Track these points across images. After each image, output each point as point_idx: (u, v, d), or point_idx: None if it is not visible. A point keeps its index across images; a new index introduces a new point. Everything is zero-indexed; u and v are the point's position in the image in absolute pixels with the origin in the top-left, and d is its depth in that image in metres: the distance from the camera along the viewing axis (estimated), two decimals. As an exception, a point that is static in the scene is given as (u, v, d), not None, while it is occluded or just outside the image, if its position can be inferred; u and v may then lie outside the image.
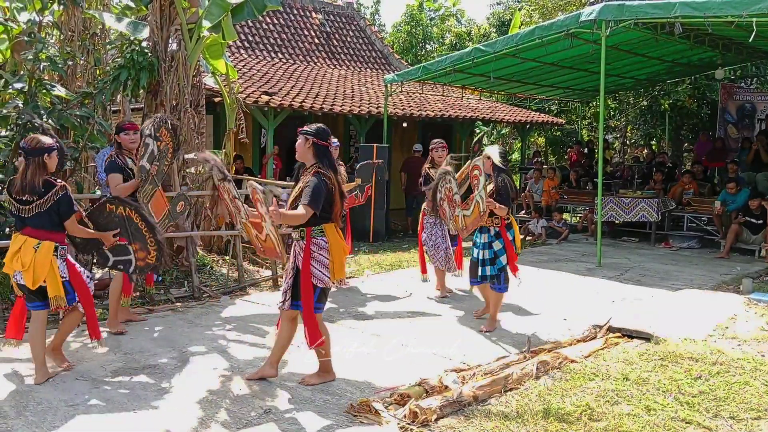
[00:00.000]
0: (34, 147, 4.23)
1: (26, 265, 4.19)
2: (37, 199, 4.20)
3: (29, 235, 4.24)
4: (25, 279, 4.23)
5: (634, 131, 20.57)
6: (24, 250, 4.22)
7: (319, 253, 4.18)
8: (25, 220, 4.26)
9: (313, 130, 4.28)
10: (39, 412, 3.86)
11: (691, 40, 10.32)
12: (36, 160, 4.21)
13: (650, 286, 7.62)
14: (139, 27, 7.78)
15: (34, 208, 4.21)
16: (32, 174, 4.20)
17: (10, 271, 4.32)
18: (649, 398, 4.10)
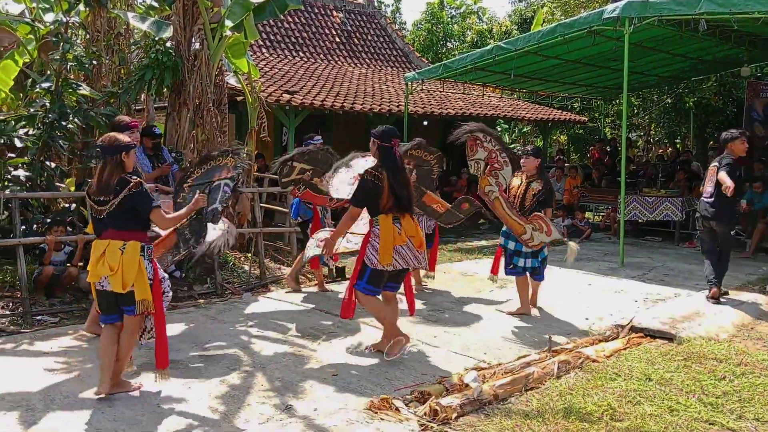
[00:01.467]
0: (112, 145, 4.04)
1: (114, 269, 3.94)
2: (113, 198, 4.00)
3: (112, 238, 4.01)
4: (113, 284, 3.96)
5: (657, 129, 20.34)
6: (109, 254, 3.97)
7: (374, 239, 4.73)
8: (104, 221, 4.04)
9: (379, 132, 4.81)
10: (66, 405, 3.94)
11: (716, 37, 10.18)
12: (114, 159, 4.03)
13: (674, 286, 7.53)
14: (162, 26, 7.88)
15: (110, 208, 4.00)
16: (109, 173, 4.01)
17: (96, 278, 4.03)
18: (671, 399, 4.07)
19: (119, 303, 4.08)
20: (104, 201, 4.02)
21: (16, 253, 6.09)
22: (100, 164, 4.10)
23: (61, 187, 7.44)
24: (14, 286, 6.51)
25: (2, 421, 3.71)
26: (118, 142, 4.07)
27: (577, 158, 21.04)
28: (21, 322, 5.75)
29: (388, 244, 4.67)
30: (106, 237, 4.04)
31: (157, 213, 4.11)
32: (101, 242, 4.04)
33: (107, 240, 4.02)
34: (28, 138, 7.20)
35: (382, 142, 4.75)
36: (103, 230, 4.07)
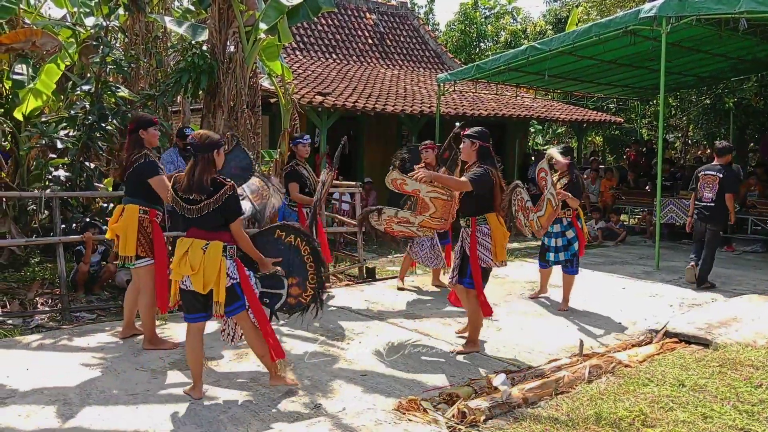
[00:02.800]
0: (204, 143, 3.95)
1: (196, 268, 3.89)
2: (206, 198, 3.90)
3: (195, 237, 3.96)
4: (194, 283, 3.91)
5: (696, 130, 19.90)
6: (192, 253, 3.92)
7: (483, 238, 4.88)
8: (191, 220, 3.98)
9: (477, 134, 4.99)
10: (101, 401, 4.04)
11: (757, 36, 9.93)
12: (205, 157, 3.93)
13: (710, 291, 7.37)
14: (198, 30, 8.02)
15: (203, 208, 3.91)
16: (201, 171, 3.91)
17: (179, 277, 3.99)
18: (705, 405, 3.99)
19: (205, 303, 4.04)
20: (195, 200, 3.92)
21: (56, 251, 6.26)
22: (190, 162, 4.00)
23: (100, 187, 7.63)
24: (54, 284, 6.70)
25: (41, 414, 3.82)
26: (210, 140, 3.98)
27: (612, 160, 20.72)
28: (60, 319, 5.91)
29: (502, 242, 4.93)
30: (190, 235, 3.99)
31: (238, 222, 4.04)
32: (185, 240, 3.99)
33: (191, 239, 3.97)
34: (68, 139, 7.40)
35: (484, 143, 4.97)
36: (186, 228, 4.06)
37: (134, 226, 4.79)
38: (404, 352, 5.09)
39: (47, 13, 9.59)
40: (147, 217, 4.87)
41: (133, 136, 4.89)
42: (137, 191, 4.86)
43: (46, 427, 3.66)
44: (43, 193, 6.59)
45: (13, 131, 7.85)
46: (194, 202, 3.92)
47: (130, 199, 4.89)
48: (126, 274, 6.81)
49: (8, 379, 4.35)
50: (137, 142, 4.88)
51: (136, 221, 4.80)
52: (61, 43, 8.07)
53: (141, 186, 4.83)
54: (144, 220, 4.85)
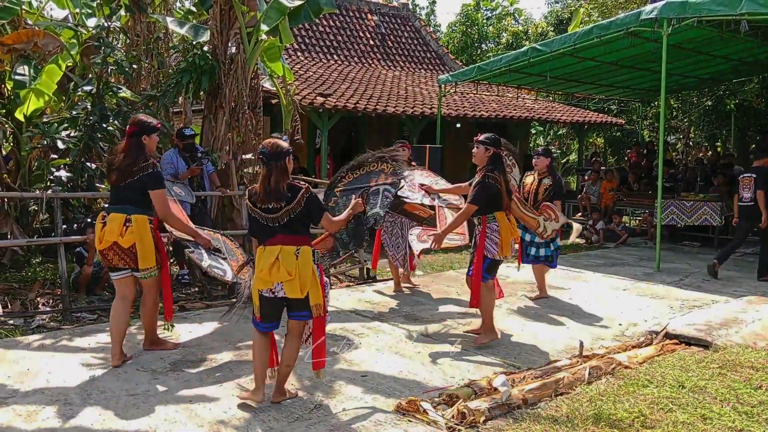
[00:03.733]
0: (276, 151, 3.93)
1: (292, 274, 3.85)
2: (286, 204, 3.90)
3: (283, 243, 3.89)
4: (289, 290, 3.88)
5: (697, 132, 19.90)
6: (284, 259, 3.86)
7: (492, 234, 5.29)
8: (272, 228, 3.92)
9: (490, 140, 5.33)
10: (102, 400, 4.05)
11: (758, 38, 9.94)
12: (279, 165, 3.91)
13: (711, 293, 7.38)
14: (200, 31, 8.03)
15: (285, 215, 3.90)
16: (276, 180, 3.89)
17: (268, 285, 3.91)
18: (705, 407, 3.99)
19: (290, 309, 4.02)
20: (275, 208, 3.91)
21: (58, 252, 6.27)
22: (263, 171, 3.96)
23: (101, 188, 7.64)
24: (55, 284, 6.71)
25: (42, 414, 3.83)
26: (281, 148, 3.95)
27: (613, 161, 20.72)
28: (61, 319, 5.92)
29: (508, 238, 5.31)
30: (275, 243, 3.91)
31: (327, 217, 4.10)
32: (272, 249, 3.90)
33: (278, 246, 3.89)
34: (69, 140, 7.42)
35: (497, 149, 5.34)
36: (270, 236, 3.94)
37: (150, 238, 4.64)
38: (404, 352, 5.10)
39: (49, 14, 9.60)
40: (153, 227, 4.73)
41: (134, 140, 4.64)
42: (140, 200, 4.63)
43: (47, 427, 3.67)
44: (45, 194, 6.60)
45: (15, 132, 7.86)
46: (275, 210, 3.91)
47: (133, 208, 4.60)
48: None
49: (9, 379, 4.36)
50: (139, 148, 4.64)
51: (149, 233, 4.64)
52: (62, 43, 8.08)
53: (145, 196, 4.63)
54: (152, 230, 4.73)
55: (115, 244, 4.55)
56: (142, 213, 4.62)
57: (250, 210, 4.01)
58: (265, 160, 3.93)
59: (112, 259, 4.62)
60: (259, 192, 3.94)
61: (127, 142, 4.67)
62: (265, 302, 3.98)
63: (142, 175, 4.59)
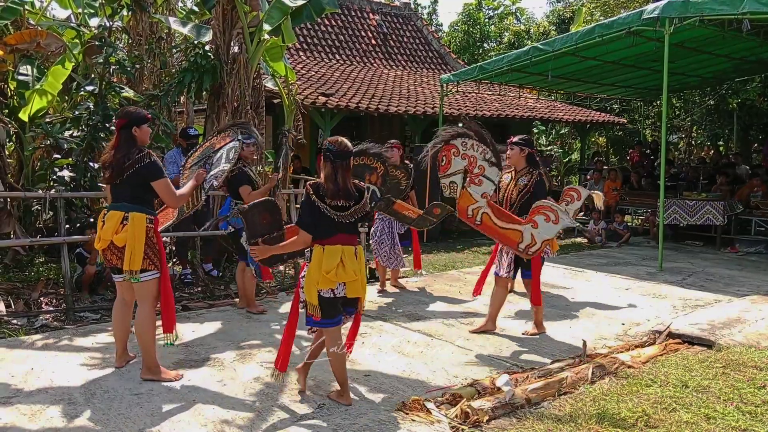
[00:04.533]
0: (344, 150, 3.95)
1: (357, 274, 3.93)
2: (354, 204, 3.94)
3: (344, 243, 3.93)
4: (351, 290, 3.94)
5: (699, 131, 19.88)
6: (348, 260, 3.89)
7: None
8: (339, 226, 3.92)
9: (525, 141, 5.54)
10: (105, 400, 4.05)
11: (760, 37, 9.92)
12: (344, 164, 3.95)
13: (714, 292, 7.37)
14: (202, 30, 8.04)
15: (353, 214, 3.94)
16: (343, 178, 3.93)
17: (332, 285, 3.90)
18: (709, 406, 3.99)
19: (346, 306, 4.08)
20: (344, 206, 3.92)
21: (61, 251, 6.28)
22: (327, 168, 3.95)
23: (104, 188, 7.64)
24: (58, 284, 6.72)
25: (45, 414, 3.84)
26: (348, 148, 4.00)
27: (616, 161, 20.70)
28: (64, 318, 5.93)
29: None
30: (335, 242, 3.90)
31: None
32: (333, 249, 3.88)
33: (339, 246, 3.89)
34: (72, 140, 7.43)
35: (531, 149, 5.56)
36: (330, 235, 3.91)
37: (142, 238, 4.29)
38: (407, 352, 5.10)
39: (52, 14, 9.61)
40: (152, 227, 4.39)
41: (124, 132, 4.35)
42: (140, 196, 4.34)
43: (51, 427, 3.68)
44: (48, 194, 6.61)
45: (18, 132, 7.87)
46: (344, 208, 3.92)
47: (131, 206, 4.32)
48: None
49: (13, 378, 4.37)
50: (131, 140, 4.34)
51: (143, 232, 4.30)
52: (65, 43, 8.10)
53: (144, 190, 4.33)
54: (150, 231, 4.36)
55: (112, 244, 4.33)
56: (139, 210, 4.32)
57: (316, 204, 3.91)
58: (331, 157, 3.92)
59: (111, 259, 4.40)
60: (327, 188, 3.92)
61: (117, 137, 4.40)
62: (325, 302, 3.93)
63: (139, 167, 4.27)
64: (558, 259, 9.67)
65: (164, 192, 4.35)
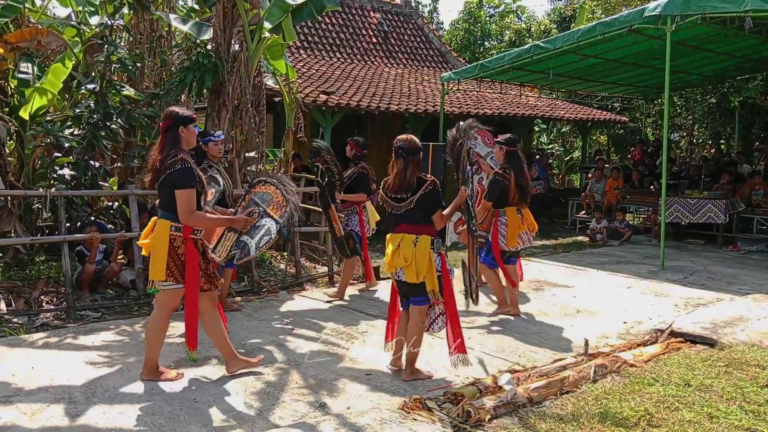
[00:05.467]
0: (414, 147, 4.31)
1: (409, 260, 4.23)
2: (410, 195, 4.29)
3: (406, 232, 4.31)
4: (407, 275, 4.28)
5: (701, 130, 19.85)
6: (404, 246, 4.26)
7: (502, 227, 5.99)
8: (399, 216, 4.35)
9: (505, 141, 6.00)
10: (106, 399, 4.04)
11: (762, 35, 9.89)
12: (415, 159, 4.30)
13: (716, 290, 7.36)
14: (203, 29, 8.02)
15: (408, 205, 4.30)
16: (411, 173, 4.28)
17: (392, 269, 4.35)
18: (711, 405, 3.97)
19: (411, 294, 4.38)
20: (402, 198, 4.31)
21: (61, 250, 6.27)
22: (399, 164, 4.31)
23: (105, 186, 7.63)
24: (59, 282, 6.71)
25: (46, 412, 3.83)
26: (417, 145, 4.34)
27: (617, 159, 20.67)
28: (65, 317, 5.92)
29: (514, 231, 5.94)
30: (400, 231, 4.35)
31: (439, 212, 4.36)
32: (396, 236, 4.35)
33: (401, 234, 4.32)
34: (73, 138, 7.41)
35: (510, 147, 5.97)
36: (396, 224, 4.39)
37: (164, 246, 4.08)
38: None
39: (52, 12, 9.58)
40: (180, 236, 4.11)
41: (170, 133, 4.11)
42: (170, 203, 4.08)
43: (51, 426, 3.67)
44: (48, 192, 6.60)
45: (19, 130, 7.86)
46: (401, 200, 4.32)
47: (162, 212, 4.15)
48: (131, 273, 6.82)
49: (13, 377, 4.36)
50: (175, 142, 4.10)
51: (166, 240, 4.09)
52: (66, 42, 8.07)
53: (173, 197, 4.06)
54: (176, 239, 4.11)
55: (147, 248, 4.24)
56: (166, 218, 4.11)
57: (382, 199, 4.45)
58: (403, 154, 4.29)
59: None
60: (392, 183, 4.35)
61: (163, 138, 4.15)
62: (397, 284, 4.48)
63: (170, 173, 4.02)
64: (559, 257, 9.66)
65: (181, 202, 4.03)
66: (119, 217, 7.58)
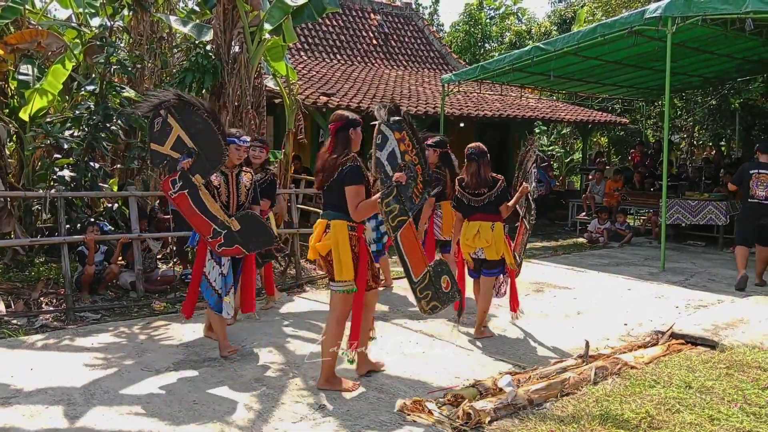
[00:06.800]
0: (482, 151, 5.41)
1: (489, 242, 5.33)
2: (488, 191, 5.33)
3: (481, 220, 5.37)
4: (488, 254, 5.37)
5: (701, 131, 19.83)
6: (483, 231, 5.34)
7: (437, 219, 6.65)
8: (474, 208, 5.39)
9: (436, 143, 6.50)
10: (105, 400, 4.03)
11: (763, 37, 9.89)
12: (484, 160, 5.39)
13: (717, 292, 7.34)
14: (203, 30, 8.02)
15: (486, 198, 5.34)
16: (484, 172, 5.36)
17: (472, 249, 5.44)
18: (712, 407, 3.95)
19: (483, 267, 5.47)
20: (480, 193, 5.37)
21: (61, 251, 6.26)
22: (473, 166, 5.39)
23: (104, 188, 7.63)
24: (58, 284, 6.71)
25: (45, 414, 3.82)
26: (485, 149, 5.46)
27: (617, 161, 20.66)
28: (64, 319, 5.91)
29: (449, 221, 6.30)
30: (475, 219, 5.39)
31: (506, 204, 5.39)
32: (474, 223, 5.39)
33: (478, 221, 5.37)
34: (73, 139, 7.41)
35: (443, 149, 6.58)
36: (472, 214, 5.41)
37: (347, 246, 4.16)
38: (408, 352, 5.07)
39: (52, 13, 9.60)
40: (355, 235, 4.23)
41: (342, 135, 4.23)
42: (343, 203, 4.15)
43: (51, 427, 3.65)
44: (48, 193, 6.59)
45: (19, 131, 7.86)
46: (479, 194, 5.37)
47: (333, 213, 4.20)
48: (130, 275, 6.81)
49: (12, 378, 4.35)
50: (346, 143, 4.22)
51: (347, 240, 4.17)
52: (66, 43, 8.08)
53: (344, 197, 4.15)
54: (352, 239, 4.21)
55: (318, 252, 4.30)
56: (341, 218, 4.18)
57: (459, 193, 5.48)
58: (475, 158, 5.39)
59: (324, 267, 4.39)
60: (471, 182, 5.38)
61: (334, 140, 4.26)
62: (474, 261, 5.52)
63: (341, 170, 4.14)
64: (560, 258, 9.66)
65: (350, 197, 4.12)
66: (119, 218, 7.58)
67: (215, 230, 4.75)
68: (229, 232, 4.76)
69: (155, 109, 4.69)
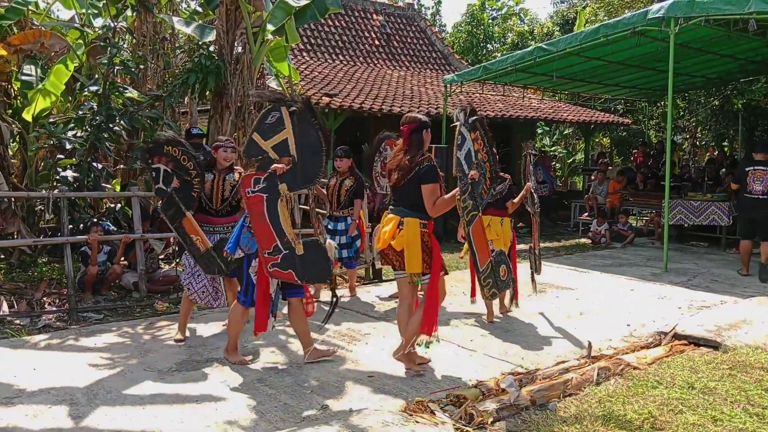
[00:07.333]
0: None
1: (499, 234, 5.95)
2: None
3: (492, 215, 5.94)
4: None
5: (704, 132, 19.80)
6: (493, 225, 5.92)
7: None
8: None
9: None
10: (108, 401, 4.04)
11: (766, 37, 9.86)
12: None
13: (719, 293, 7.33)
14: (206, 31, 8.03)
15: (497, 195, 5.84)
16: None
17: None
18: (715, 408, 3.95)
19: None
20: None
21: (64, 252, 6.27)
22: None
23: (107, 188, 7.64)
24: (61, 284, 6.72)
25: (48, 414, 3.82)
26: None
27: (620, 161, 20.64)
28: (67, 319, 5.92)
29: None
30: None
31: (512, 201, 6.03)
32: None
33: (490, 216, 5.86)
34: (76, 140, 7.43)
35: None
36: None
37: (418, 242, 4.39)
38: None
39: (55, 14, 9.63)
40: (426, 231, 4.47)
41: (415, 136, 4.46)
42: (418, 201, 4.39)
43: (53, 427, 3.66)
44: (51, 194, 6.61)
45: (22, 132, 7.88)
46: None
47: (406, 211, 4.44)
48: (133, 275, 6.82)
49: (15, 378, 4.36)
50: (420, 143, 4.46)
51: (419, 236, 4.40)
52: (69, 44, 8.09)
53: (420, 195, 4.38)
54: (424, 235, 4.45)
55: (389, 247, 4.51)
56: (414, 216, 4.42)
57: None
58: None
59: (392, 258, 4.60)
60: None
61: (408, 140, 4.48)
62: None
63: (418, 170, 4.36)
64: (563, 259, 9.65)
65: (427, 195, 4.36)
66: (122, 218, 7.59)
67: (276, 247, 4.43)
68: (290, 254, 4.45)
69: (277, 103, 4.54)
